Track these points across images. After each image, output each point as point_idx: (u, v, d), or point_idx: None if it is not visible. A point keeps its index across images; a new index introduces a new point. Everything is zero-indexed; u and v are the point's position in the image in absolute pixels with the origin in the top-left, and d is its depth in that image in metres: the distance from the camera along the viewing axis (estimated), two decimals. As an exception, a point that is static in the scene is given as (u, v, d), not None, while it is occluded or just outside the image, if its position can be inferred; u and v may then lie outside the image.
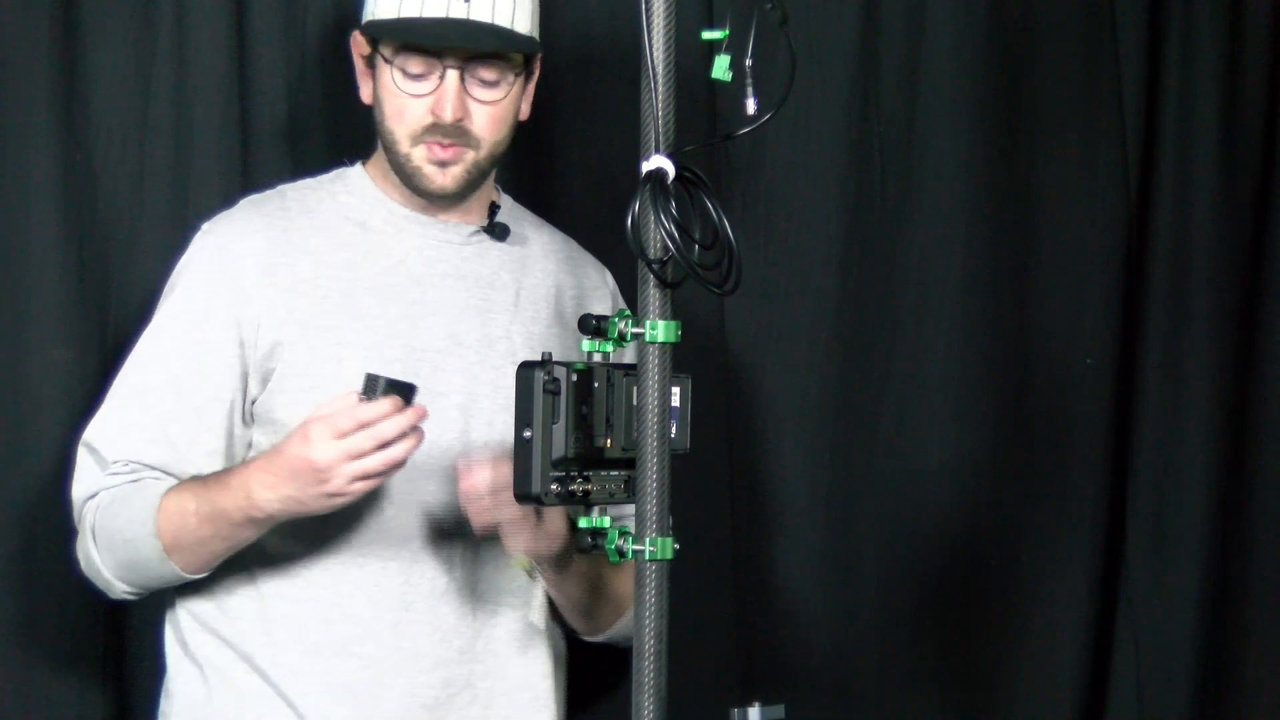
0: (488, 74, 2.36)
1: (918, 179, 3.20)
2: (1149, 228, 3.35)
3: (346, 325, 2.37)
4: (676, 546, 2.10)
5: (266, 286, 2.36)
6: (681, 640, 2.15)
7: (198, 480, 2.30)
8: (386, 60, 2.35)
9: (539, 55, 2.48)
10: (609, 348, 2.12)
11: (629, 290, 2.13)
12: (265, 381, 2.36)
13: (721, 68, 2.07)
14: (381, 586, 2.38)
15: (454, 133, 2.36)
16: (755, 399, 3.08)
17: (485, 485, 2.30)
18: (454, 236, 2.46)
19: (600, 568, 2.47)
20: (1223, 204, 3.36)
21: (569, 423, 2.12)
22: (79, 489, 2.37)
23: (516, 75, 2.41)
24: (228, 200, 2.53)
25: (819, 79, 3.09)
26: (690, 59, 2.15)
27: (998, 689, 3.30)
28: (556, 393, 2.11)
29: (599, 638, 2.60)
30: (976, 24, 3.22)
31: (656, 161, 2.05)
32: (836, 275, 3.15)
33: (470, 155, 2.39)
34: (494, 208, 2.51)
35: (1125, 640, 3.36)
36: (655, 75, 2.06)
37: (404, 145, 2.37)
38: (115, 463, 2.35)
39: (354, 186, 2.46)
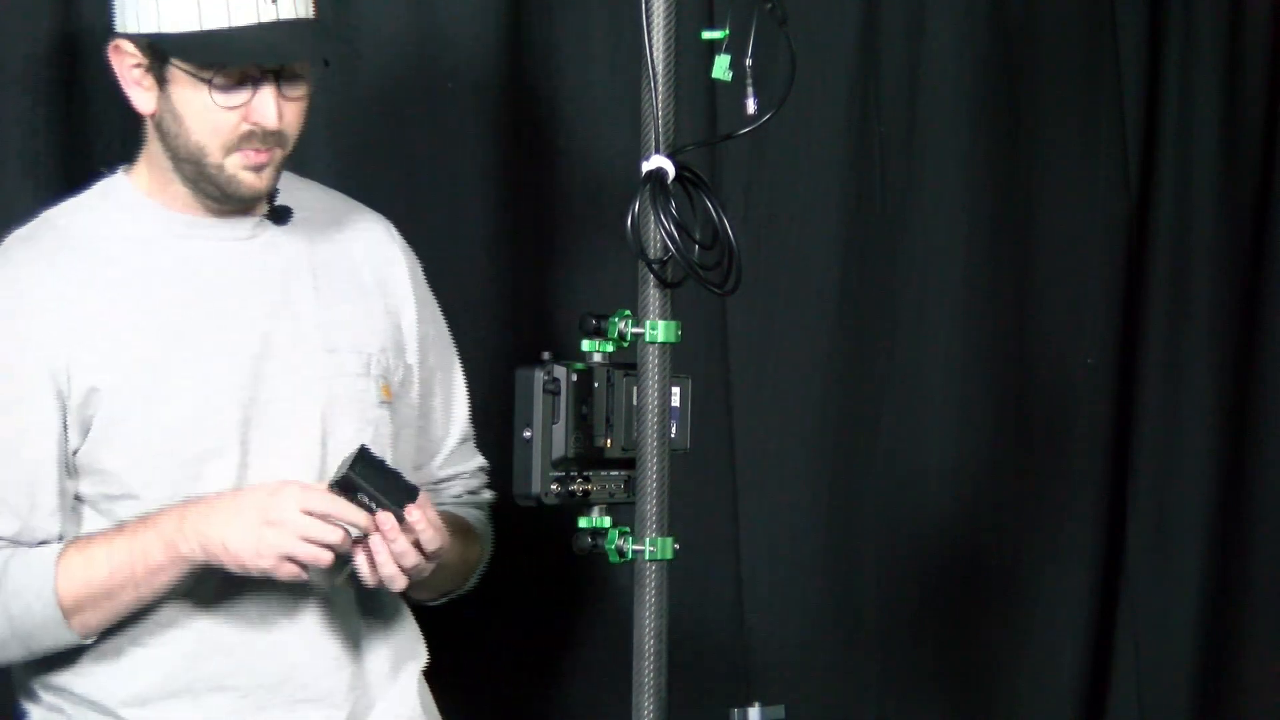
0: (298, 70, 2.22)
1: (918, 179, 3.21)
2: (1149, 228, 3.36)
3: (158, 356, 2.22)
4: (676, 546, 2.10)
5: (67, 330, 2.20)
6: (681, 640, 2.15)
7: (96, 535, 2.19)
8: (191, 74, 2.18)
9: None
10: (609, 348, 2.12)
11: (630, 291, 2.13)
12: (86, 431, 2.21)
13: (722, 67, 2.06)
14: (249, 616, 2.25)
15: (270, 137, 2.21)
16: (755, 399, 3.08)
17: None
18: (240, 233, 2.28)
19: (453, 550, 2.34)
20: (1223, 204, 3.37)
21: (569, 423, 2.12)
22: None
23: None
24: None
25: (819, 79, 3.09)
26: (690, 59, 2.15)
27: (998, 689, 3.30)
28: (556, 393, 2.11)
29: (438, 600, 2.47)
30: (976, 24, 3.22)
31: (656, 161, 2.05)
32: (836, 275, 3.15)
33: (279, 153, 2.24)
34: (274, 192, 2.33)
35: (1125, 640, 3.36)
36: (655, 75, 2.05)
37: (216, 156, 2.21)
38: None
39: (125, 202, 2.28)
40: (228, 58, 2.18)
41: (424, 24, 2.79)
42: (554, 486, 2.11)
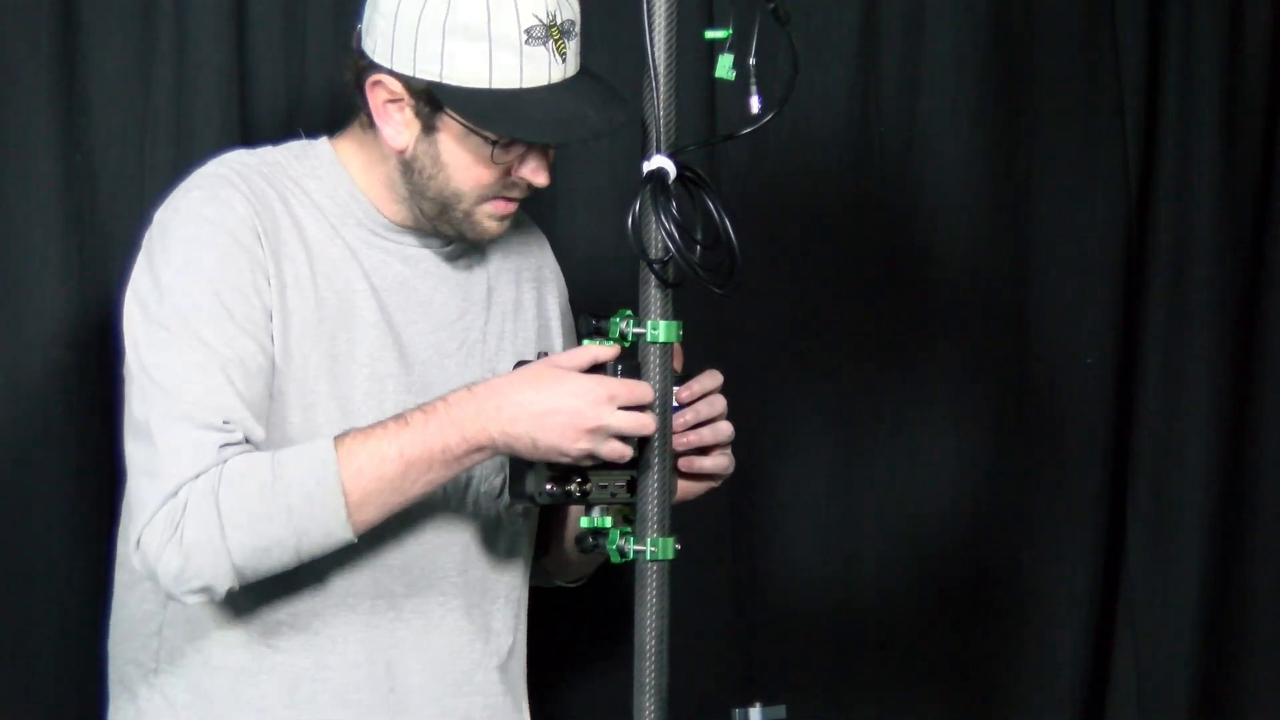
0: None
1: (918, 179, 3.20)
2: (1149, 228, 3.35)
3: (342, 337, 2.19)
4: (677, 546, 2.10)
5: (271, 270, 2.15)
6: (682, 640, 2.15)
7: (376, 426, 2.07)
8: (472, 131, 2.12)
9: None
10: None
11: (630, 290, 2.13)
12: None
13: (725, 67, 2.06)
14: (375, 625, 2.22)
15: (529, 188, 2.19)
16: (755, 399, 3.08)
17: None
18: (435, 243, 2.27)
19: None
20: (1223, 204, 3.36)
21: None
22: (180, 466, 2.05)
23: None
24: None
25: (819, 79, 3.09)
26: (691, 59, 2.15)
27: (998, 689, 3.30)
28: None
29: (577, 581, 2.49)
30: (976, 24, 3.22)
31: (658, 161, 2.05)
32: (836, 275, 3.15)
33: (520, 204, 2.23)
34: None
35: (1125, 640, 3.36)
36: (657, 75, 2.06)
37: (468, 203, 2.17)
38: (226, 424, 2.07)
39: (328, 173, 2.23)
40: (524, 131, 2.11)
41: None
42: (549, 486, 2.11)
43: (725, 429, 2.23)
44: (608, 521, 2.13)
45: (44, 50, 2.62)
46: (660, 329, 2.08)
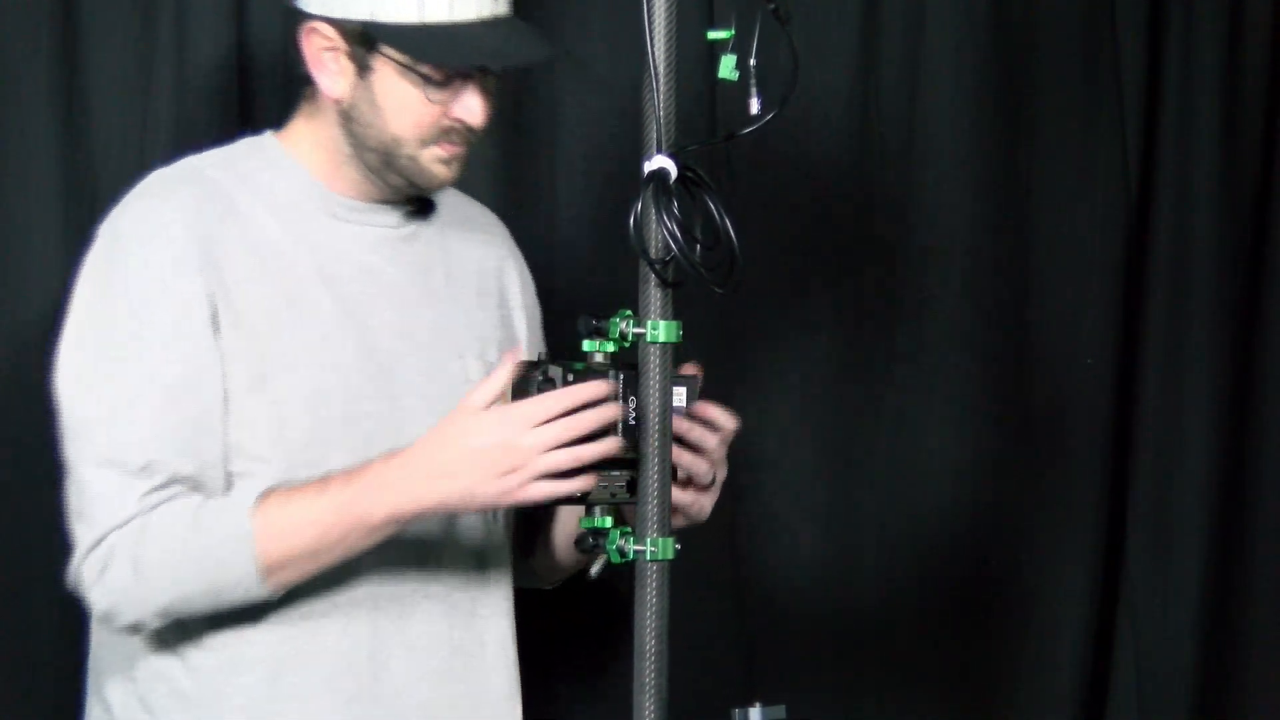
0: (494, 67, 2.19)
1: (918, 179, 3.21)
2: (1149, 228, 3.35)
3: (297, 331, 2.16)
4: (677, 546, 2.10)
5: (214, 283, 2.13)
6: (682, 640, 2.15)
7: (297, 489, 2.09)
8: (406, 66, 2.14)
9: None
10: (609, 347, 2.12)
11: (631, 290, 2.13)
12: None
13: (728, 67, 2.07)
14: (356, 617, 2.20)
15: (469, 132, 2.19)
16: (755, 399, 3.08)
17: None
18: (390, 220, 2.25)
19: None
20: (1223, 204, 3.37)
21: (566, 423, 2.11)
22: (106, 514, 2.08)
23: None
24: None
25: (819, 79, 3.09)
26: (691, 59, 2.15)
27: (998, 689, 3.30)
28: (553, 393, 2.11)
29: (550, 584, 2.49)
30: (976, 24, 3.22)
31: (659, 161, 2.05)
32: (836, 275, 3.15)
33: (468, 148, 2.22)
34: None
35: (1125, 640, 3.36)
36: (657, 75, 2.06)
37: (412, 148, 2.17)
38: (148, 468, 2.08)
39: (276, 164, 2.23)
40: (456, 58, 2.14)
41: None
42: (548, 486, 2.11)
43: (701, 466, 2.20)
44: (608, 521, 2.13)
45: (44, 50, 2.62)
46: (660, 329, 2.08)
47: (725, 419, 2.22)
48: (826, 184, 3.14)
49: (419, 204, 2.29)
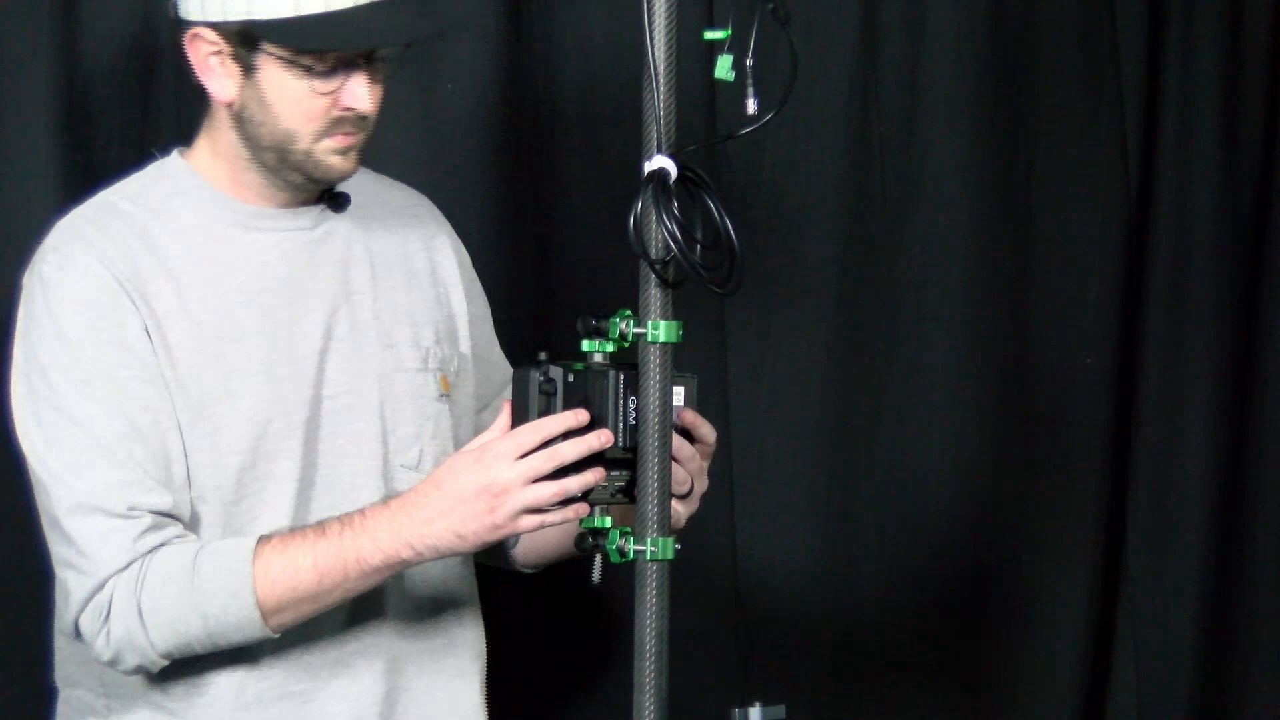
0: (383, 52, 2.18)
1: (918, 179, 3.21)
2: (1149, 228, 3.36)
3: (225, 350, 2.17)
4: (677, 546, 2.10)
5: (146, 317, 2.15)
6: (681, 640, 2.15)
7: (295, 533, 2.12)
8: (288, 60, 2.13)
9: None
10: (609, 347, 2.12)
11: (631, 290, 2.13)
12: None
13: (724, 67, 2.06)
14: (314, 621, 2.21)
15: (359, 120, 2.18)
16: (755, 399, 3.08)
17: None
18: (303, 221, 2.24)
19: None
20: (1223, 204, 3.37)
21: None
22: (99, 562, 2.10)
23: None
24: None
25: (819, 79, 3.09)
26: (691, 59, 2.15)
27: (998, 689, 3.30)
28: (552, 393, 2.10)
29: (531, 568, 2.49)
30: (976, 24, 3.22)
31: (659, 162, 2.04)
32: (836, 275, 3.15)
33: (363, 137, 2.20)
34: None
35: (1125, 640, 3.36)
36: (657, 75, 2.05)
37: (305, 142, 2.17)
38: (131, 514, 2.11)
39: (188, 188, 2.22)
40: (334, 43, 2.14)
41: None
42: (549, 486, 2.11)
43: (678, 474, 2.17)
44: (608, 521, 2.13)
45: (44, 50, 2.62)
46: (660, 329, 2.08)
47: (706, 430, 2.21)
48: (826, 184, 3.14)
49: (331, 200, 2.27)
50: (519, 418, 2.11)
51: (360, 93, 2.16)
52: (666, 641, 2.08)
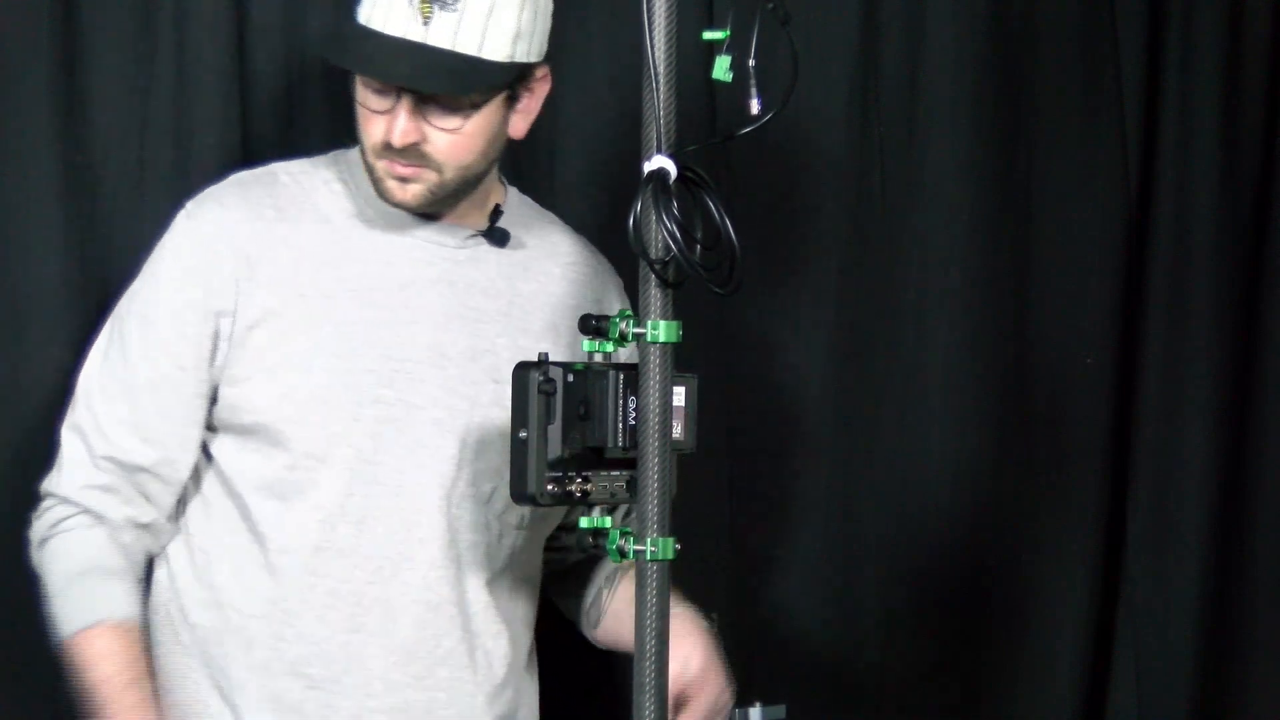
0: (451, 101, 2.25)
1: (918, 179, 3.21)
2: (1149, 228, 3.35)
3: (323, 329, 2.29)
4: (677, 546, 2.10)
5: (244, 280, 2.29)
6: (682, 640, 2.15)
7: (123, 650, 2.31)
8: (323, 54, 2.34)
9: (538, 72, 2.35)
10: (609, 348, 2.12)
11: (630, 290, 2.13)
12: (235, 380, 2.30)
13: (722, 68, 2.06)
14: (335, 607, 2.32)
15: (411, 154, 2.26)
16: (755, 399, 3.08)
17: None
18: (448, 239, 2.35)
19: None
20: (1223, 204, 3.36)
21: (565, 423, 2.12)
22: (64, 479, 2.36)
23: (488, 101, 2.28)
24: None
25: (819, 79, 3.09)
26: (691, 59, 2.15)
27: (998, 689, 3.30)
28: (552, 393, 2.11)
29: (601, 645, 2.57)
30: (976, 24, 3.22)
31: (659, 162, 2.05)
32: (836, 275, 3.15)
33: (432, 176, 2.28)
34: (496, 211, 2.40)
35: (1125, 640, 3.36)
36: (657, 75, 2.05)
37: (369, 155, 2.29)
38: (104, 459, 2.32)
39: (350, 175, 2.36)
40: (330, 55, 2.28)
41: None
42: (550, 487, 2.11)
43: None
44: (608, 521, 2.13)
45: (44, 50, 2.62)
46: (660, 329, 2.08)
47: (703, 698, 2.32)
48: (826, 184, 3.14)
49: (489, 231, 2.36)
50: (518, 417, 2.11)
51: (392, 124, 2.23)
52: (667, 641, 2.08)
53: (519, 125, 2.35)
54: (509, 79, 2.29)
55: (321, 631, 2.31)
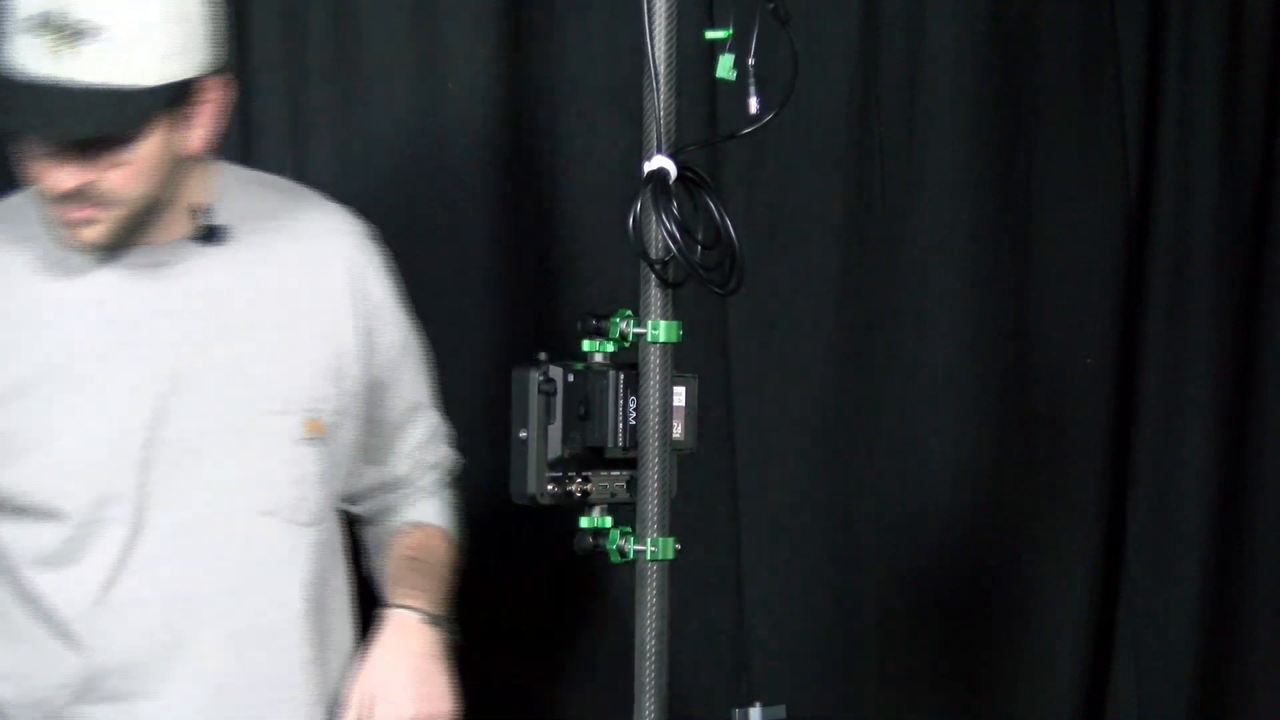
0: (103, 138, 1.99)
1: (918, 179, 3.21)
2: (1149, 228, 3.36)
3: (57, 392, 2.07)
4: (677, 546, 2.10)
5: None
6: (682, 640, 2.15)
7: None
8: None
9: (206, 84, 2.04)
10: (609, 347, 2.12)
11: (631, 290, 2.12)
12: None
13: (726, 67, 2.07)
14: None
15: (83, 198, 2.01)
16: (755, 399, 3.08)
17: None
18: (158, 258, 2.09)
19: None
20: (1223, 204, 3.37)
21: (565, 423, 2.11)
22: None
23: (149, 128, 2.01)
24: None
25: (819, 79, 3.09)
26: (691, 59, 2.15)
27: (998, 689, 3.30)
28: (552, 393, 2.10)
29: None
30: (976, 24, 3.22)
31: (659, 162, 2.05)
32: (836, 275, 3.15)
33: (116, 212, 2.03)
34: (202, 211, 2.11)
35: (1125, 640, 3.36)
36: (657, 75, 2.06)
37: (47, 204, 2.04)
38: None
39: (43, 218, 2.08)
40: None
41: (425, 25, 2.79)
42: (550, 487, 2.10)
43: None
44: (608, 521, 2.13)
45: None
46: (660, 329, 2.08)
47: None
48: (826, 184, 3.14)
49: (203, 236, 2.11)
50: (518, 417, 2.11)
51: (53, 173, 2.00)
52: (666, 641, 2.08)
53: (195, 141, 2.07)
54: (164, 102, 2.02)
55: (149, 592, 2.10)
